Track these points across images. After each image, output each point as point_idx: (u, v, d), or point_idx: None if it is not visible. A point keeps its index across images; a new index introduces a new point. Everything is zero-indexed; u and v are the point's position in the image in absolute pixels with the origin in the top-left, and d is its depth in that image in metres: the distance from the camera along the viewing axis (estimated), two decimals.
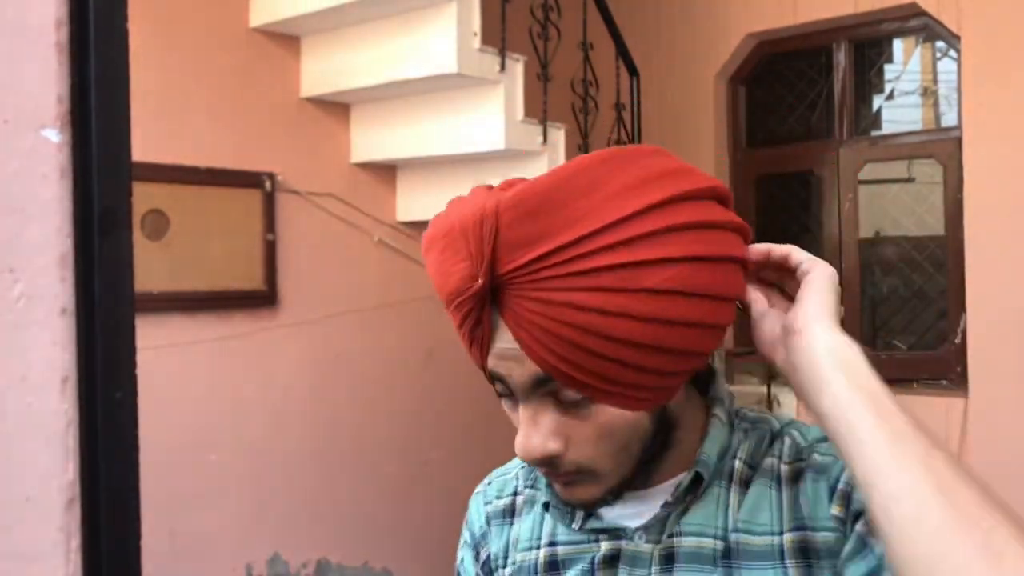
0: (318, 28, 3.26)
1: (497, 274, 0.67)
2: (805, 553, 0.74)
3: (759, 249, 0.75)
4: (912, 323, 3.97)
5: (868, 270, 4.02)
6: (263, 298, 3.17)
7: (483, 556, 0.93)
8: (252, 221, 3.15)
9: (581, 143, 3.37)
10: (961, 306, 3.58)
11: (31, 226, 0.36)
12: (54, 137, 0.37)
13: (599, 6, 3.36)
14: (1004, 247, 3.39)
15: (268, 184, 3.18)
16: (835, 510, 0.74)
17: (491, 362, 0.72)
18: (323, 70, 3.30)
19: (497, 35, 3.05)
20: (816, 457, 0.77)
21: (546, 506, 0.85)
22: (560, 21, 3.26)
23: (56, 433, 0.36)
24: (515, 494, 0.93)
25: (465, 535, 0.97)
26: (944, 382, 3.69)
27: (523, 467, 0.94)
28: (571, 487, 0.76)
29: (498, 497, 0.94)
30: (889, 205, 4.11)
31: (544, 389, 0.71)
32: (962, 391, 3.54)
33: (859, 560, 0.71)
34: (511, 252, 0.66)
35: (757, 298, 0.76)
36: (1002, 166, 3.41)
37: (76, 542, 0.37)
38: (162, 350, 2.88)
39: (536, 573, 0.85)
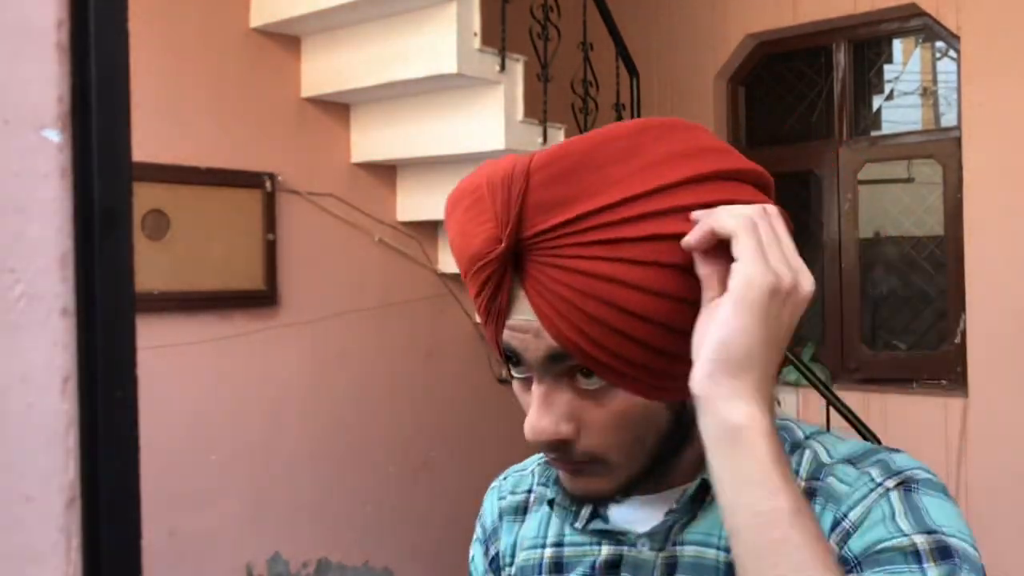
0: (318, 28, 3.26)
1: (522, 237, 0.63)
2: None
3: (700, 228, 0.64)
4: (912, 323, 3.97)
5: (868, 270, 4.02)
6: (263, 298, 3.17)
7: (492, 552, 0.90)
8: (252, 221, 3.15)
9: None
10: (961, 306, 3.59)
11: (32, 226, 0.36)
12: (54, 137, 0.37)
13: (599, 6, 3.36)
14: (1004, 247, 3.39)
15: (268, 184, 3.18)
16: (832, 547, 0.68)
17: (506, 335, 0.67)
18: (323, 70, 3.30)
19: (497, 35, 3.06)
20: (832, 482, 0.70)
21: (550, 503, 0.81)
22: (560, 21, 3.27)
23: (56, 433, 0.36)
24: (529, 491, 0.89)
25: (477, 530, 0.94)
26: (944, 382, 3.69)
27: (540, 463, 0.89)
28: (580, 478, 0.71)
29: (512, 493, 0.91)
30: (889, 205, 4.11)
31: (560, 367, 0.66)
32: (962, 391, 3.54)
33: None
34: (539, 214, 0.62)
35: (711, 284, 0.63)
36: (1002, 166, 3.41)
37: (76, 542, 0.37)
38: (162, 350, 2.88)
39: (540, 573, 0.82)
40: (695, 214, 0.62)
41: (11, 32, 0.36)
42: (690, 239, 0.61)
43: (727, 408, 0.59)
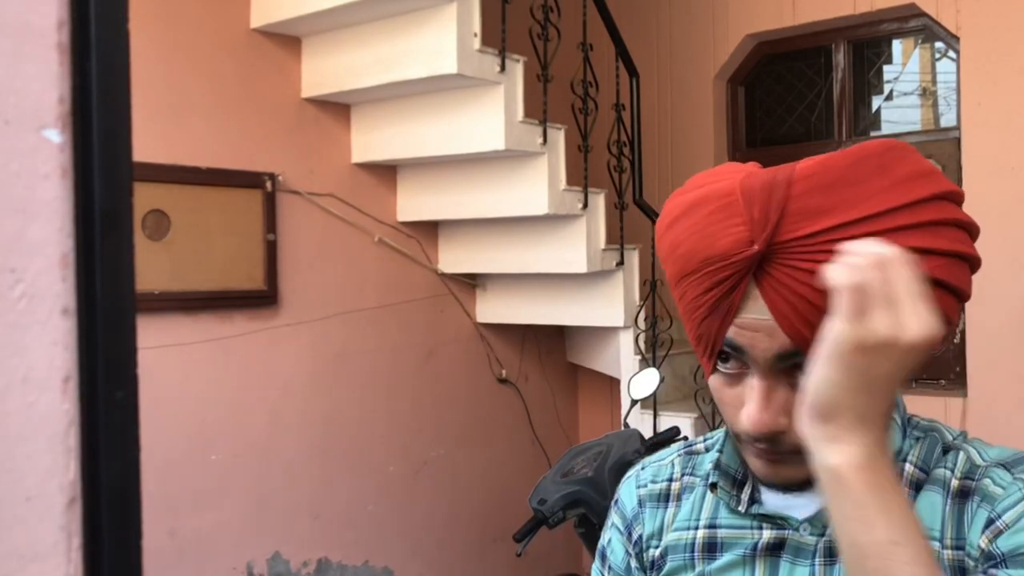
0: (318, 29, 3.26)
1: (775, 241, 0.68)
2: (961, 573, 0.73)
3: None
4: None
5: None
6: (263, 298, 3.17)
7: (635, 535, 0.93)
8: (252, 221, 3.15)
9: (581, 143, 3.37)
10: None
11: (32, 226, 0.36)
12: (55, 137, 0.37)
13: (599, 7, 3.36)
14: (1003, 247, 3.39)
15: (268, 184, 3.18)
16: (983, 542, 0.72)
17: (732, 332, 0.72)
18: (323, 70, 3.30)
19: (497, 35, 3.06)
20: (988, 483, 0.75)
21: (713, 487, 0.86)
22: (560, 22, 3.27)
23: (57, 433, 0.36)
24: (671, 480, 0.93)
25: (614, 517, 0.96)
26: (943, 382, 3.70)
27: (679, 455, 0.95)
28: (779, 465, 0.76)
29: (653, 481, 0.94)
30: None
31: (786, 364, 0.71)
32: (961, 391, 3.54)
33: None
34: (798, 221, 0.67)
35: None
36: (1001, 166, 3.41)
37: (77, 542, 0.37)
38: (162, 350, 2.88)
39: (694, 551, 0.86)
40: (843, 246, 0.67)
41: (11, 32, 0.36)
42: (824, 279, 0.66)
43: (821, 450, 0.65)
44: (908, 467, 0.79)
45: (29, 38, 0.36)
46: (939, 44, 3.90)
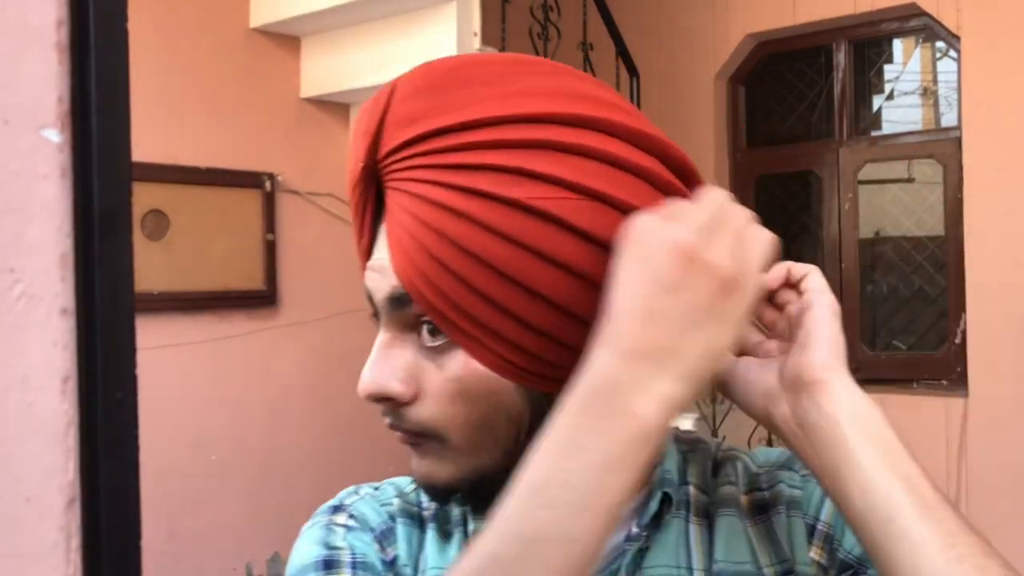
0: (318, 28, 3.26)
1: (378, 157, 0.56)
2: None
3: (775, 269, 0.60)
4: (912, 323, 3.97)
5: (868, 270, 4.02)
6: (263, 298, 3.17)
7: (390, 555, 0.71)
8: (252, 221, 3.15)
9: None
10: (961, 306, 3.59)
11: (31, 226, 0.36)
12: (54, 137, 0.37)
13: (599, 6, 3.36)
14: (1004, 247, 3.39)
15: (268, 184, 3.18)
16: (814, 553, 0.62)
17: (366, 276, 0.60)
18: (323, 70, 3.30)
19: (497, 35, 3.06)
20: (783, 488, 0.64)
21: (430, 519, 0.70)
22: (560, 21, 3.27)
23: (56, 433, 0.36)
24: (420, 505, 0.75)
25: (351, 539, 0.75)
26: (944, 382, 3.69)
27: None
28: (418, 456, 0.61)
29: (399, 498, 0.77)
30: (889, 205, 4.11)
31: (403, 314, 0.58)
32: (962, 391, 3.54)
33: None
34: (394, 131, 0.56)
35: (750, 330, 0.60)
36: (1002, 166, 3.41)
37: (76, 542, 0.37)
38: (162, 350, 2.88)
39: None
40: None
41: (11, 32, 0.36)
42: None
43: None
44: (692, 491, 0.65)
45: (28, 38, 0.36)
46: (940, 43, 3.90)
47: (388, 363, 0.59)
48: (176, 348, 2.94)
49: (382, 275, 0.58)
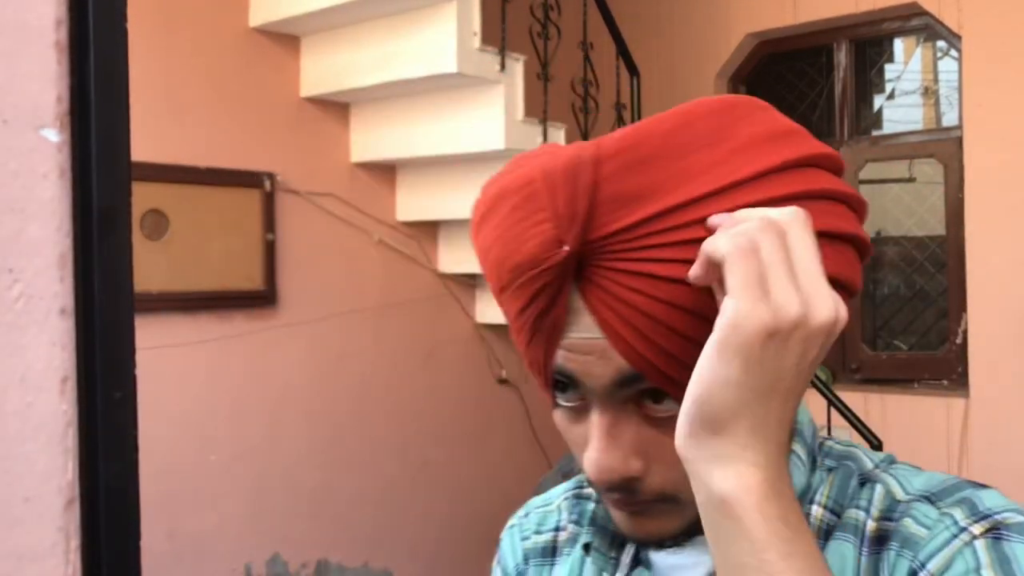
0: (318, 28, 3.25)
1: (589, 239, 0.53)
2: None
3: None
4: (913, 323, 3.97)
5: (869, 270, 4.02)
6: (263, 298, 3.17)
7: None
8: (252, 221, 3.15)
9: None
10: (962, 306, 3.58)
11: (30, 226, 0.36)
12: (53, 137, 0.36)
13: (599, 6, 3.36)
14: (1005, 247, 3.39)
15: (268, 184, 3.18)
16: None
17: (561, 357, 0.57)
18: (323, 70, 3.30)
19: (497, 35, 3.05)
20: (909, 523, 0.59)
21: (587, 548, 0.70)
22: (560, 21, 3.26)
23: (56, 433, 0.36)
24: (557, 529, 0.77)
25: (496, 572, 0.80)
26: (945, 382, 3.69)
27: (566, 498, 0.78)
28: (644, 518, 0.60)
29: (537, 532, 0.78)
30: (890, 205, 4.11)
31: (627, 392, 0.56)
32: (963, 391, 3.54)
33: None
34: (612, 211, 0.53)
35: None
36: (1003, 166, 3.41)
37: (76, 542, 0.37)
38: (162, 350, 2.88)
39: None
40: (713, 219, 0.53)
41: (9, 31, 0.36)
42: (693, 271, 0.52)
43: (710, 473, 0.50)
44: (815, 509, 0.63)
45: (27, 37, 0.36)
46: (941, 43, 3.90)
47: (619, 444, 0.57)
48: (175, 348, 2.94)
49: (600, 358, 0.55)
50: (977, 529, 0.56)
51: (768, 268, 0.49)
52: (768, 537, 0.48)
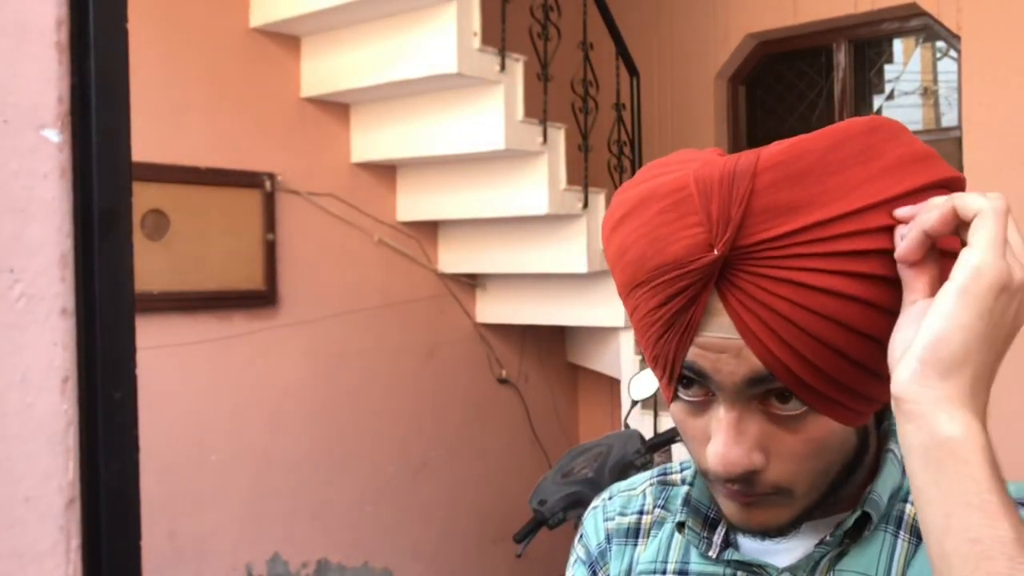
0: (318, 28, 3.26)
1: (738, 244, 0.57)
2: None
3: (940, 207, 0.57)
4: None
5: None
6: (263, 298, 3.17)
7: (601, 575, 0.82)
8: (252, 221, 3.15)
9: (581, 143, 3.37)
10: None
11: (31, 226, 0.36)
12: (54, 137, 0.37)
13: (599, 6, 3.36)
14: None
15: (268, 184, 3.18)
16: None
17: (692, 354, 0.60)
18: (323, 70, 3.30)
19: (497, 35, 3.06)
20: None
21: (680, 526, 0.74)
22: (560, 21, 3.27)
23: (56, 433, 0.36)
24: (641, 512, 0.81)
25: (579, 551, 0.84)
26: None
27: (651, 484, 0.83)
28: (757, 509, 0.65)
29: (621, 514, 0.82)
30: None
31: (756, 391, 0.60)
32: None
33: None
34: (765, 220, 0.56)
35: (916, 286, 0.57)
36: (1002, 166, 3.41)
37: (76, 542, 0.37)
38: (162, 350, 2.88)
39: None
40: (901, 211, 0.56)
41: (10, 32, 0.36)
42: (932, 218, 0.54)
43: (937, 416, 0.52)
44: (909, 508, 0.67)
45: (28, 37, 0.36)
46: (940, 43, 3.90)
47: (743, 439, 0.61)
48: (176, 348, 2.94)
49: (734, 356, 0.59)
50: None
51: (1005, 235, 0.54)
52: (991, 480, 0.52)
